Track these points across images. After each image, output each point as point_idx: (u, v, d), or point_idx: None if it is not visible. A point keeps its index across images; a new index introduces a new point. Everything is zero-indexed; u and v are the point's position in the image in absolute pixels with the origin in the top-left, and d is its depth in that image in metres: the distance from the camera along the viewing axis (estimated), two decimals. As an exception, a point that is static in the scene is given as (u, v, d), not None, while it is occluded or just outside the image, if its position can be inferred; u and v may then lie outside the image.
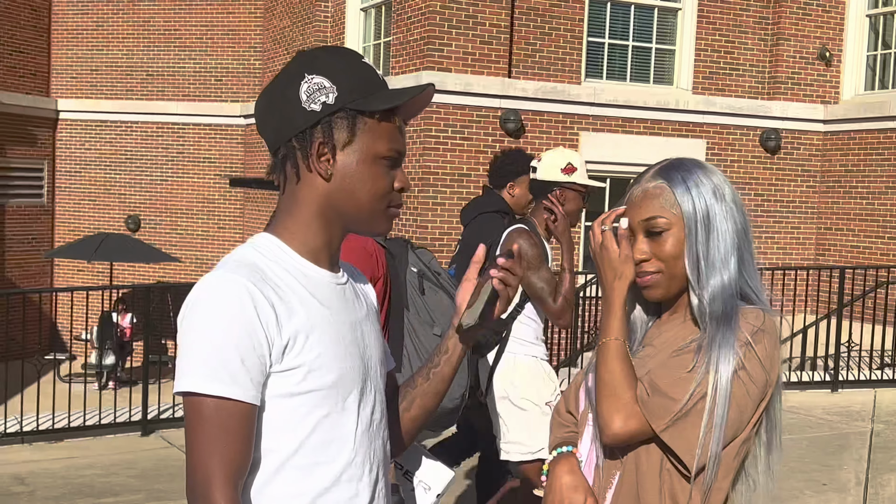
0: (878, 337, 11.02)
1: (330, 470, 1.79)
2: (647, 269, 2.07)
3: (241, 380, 1.68)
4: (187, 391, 1.69)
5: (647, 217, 2.06)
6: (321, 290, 1.82)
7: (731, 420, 1.96)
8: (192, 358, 1.69)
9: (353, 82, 1.79)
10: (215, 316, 1.69)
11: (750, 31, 14.42)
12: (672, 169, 2.09)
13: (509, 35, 12.89)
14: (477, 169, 12.73)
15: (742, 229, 2.06)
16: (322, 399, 1.76)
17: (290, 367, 1.73)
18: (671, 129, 13.85)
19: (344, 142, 1.78)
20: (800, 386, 10.23)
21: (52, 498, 6.49)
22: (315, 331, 1.76)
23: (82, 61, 19.25)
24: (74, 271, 19.11)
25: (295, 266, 1.81)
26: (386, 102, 1.79)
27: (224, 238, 18.72)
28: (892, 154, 13.54)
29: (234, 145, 18.68)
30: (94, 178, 19.20)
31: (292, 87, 1.79)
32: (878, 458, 7.50)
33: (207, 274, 1.76)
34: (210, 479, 1.67)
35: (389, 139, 1.81)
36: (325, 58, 1.81)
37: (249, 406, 1.69)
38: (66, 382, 13.18)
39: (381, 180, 1.81)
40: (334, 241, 1.86)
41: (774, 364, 2.02)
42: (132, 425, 8.51)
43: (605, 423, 2.02)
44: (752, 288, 2.06)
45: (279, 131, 1.81)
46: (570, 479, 2.11)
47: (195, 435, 1.69)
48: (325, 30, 15.86)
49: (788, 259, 14.44)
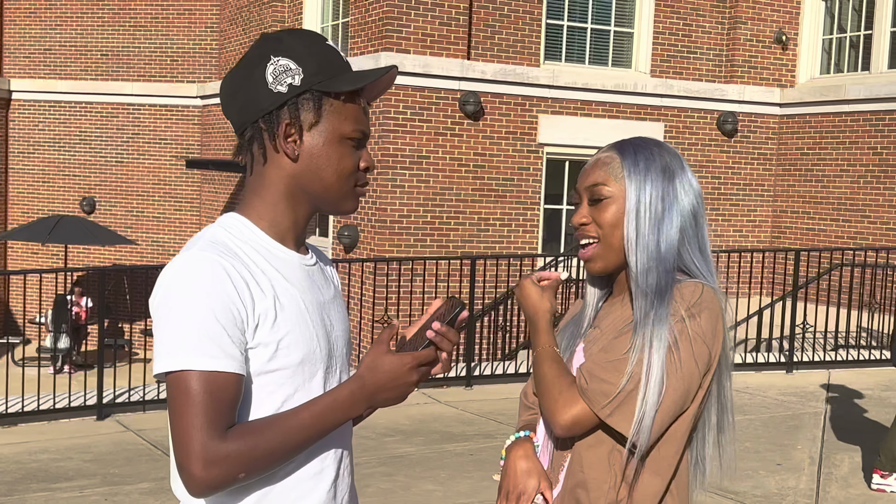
0: (832, 318, 11.16)
1: None
2: (587, 233, 2.09)
3: (232, 353, 1.70)
4: (175, 370, 1.69)
5: (592, 184, 2.09)
6: (289, 270, 1.85)
7: (673, 395, 1.95)
8: (175, 336, 1.69)
9: (319, 64, 1.82)
10: (194, 293, 1.70)
11: (707, 14, 14.50)
12: (628, 143, 2.12)
13: (468, 17, 12.86)
14: (436, 151, 12.71)
15: (690, 210, 2.06)
16: (288, 378, 1.79)
17: (258, 345, 1.76)
18: (629, 112, 13.90)
19: (310, 123, 1.82)
20: (755, 367, 10.34)
21: (6, 483, 6.41)
22: (284, 310, 1.79)
23: (35, 40, 18.95)
24: (28, 254, 18.86)
25: (263, 246, 1.84)
26: (351, 84, 1.82)
27: (181, 220, 18.56)
28: (846, 137, 13.69)
29: (191, 126, 18.50)
30: (48, 159, 18.94)
31: (258, 69, 1.82)
32: (831, 438, 7.60)
33: (178, 255, 1.77)
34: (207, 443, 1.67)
35: (355, 120, 1.85)
36: (291, 40, 1.84)
37: (240, 376, 1.72)
38: (20, 366, 13.02)
39: (347, 160, 1.85)
40: (300, 222, 1.90)
41: (717, 337, 2.01)
42: (87, 409, 8.43)
43: (550, 418, 2.04)
44: (697, 267, 2.06)
45: (245, 112, 1.84)
46: (525, 464, 2.13)
47: (186, 409, 1.67)
48: (283, 10, 15.72)
49: (744, 241, 14.58)
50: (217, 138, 17.71)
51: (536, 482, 2.10)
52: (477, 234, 13.02)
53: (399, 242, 12.50)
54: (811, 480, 6.50)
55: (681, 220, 2.05)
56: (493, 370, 9.95)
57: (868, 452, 7.05)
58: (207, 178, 18.07)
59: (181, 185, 18.58)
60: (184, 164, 17.99)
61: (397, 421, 7.98)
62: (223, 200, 17.33)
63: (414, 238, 12.61)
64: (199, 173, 18.27)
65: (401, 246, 12.50)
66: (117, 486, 6.38)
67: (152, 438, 7.58)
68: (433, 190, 12.70)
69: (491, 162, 13.07)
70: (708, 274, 2.07)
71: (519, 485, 2.10)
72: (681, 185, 2.07)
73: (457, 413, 8.48)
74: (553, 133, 13.43)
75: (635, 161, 2.07)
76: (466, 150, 12.92)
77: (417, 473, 6.57)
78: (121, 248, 18.25)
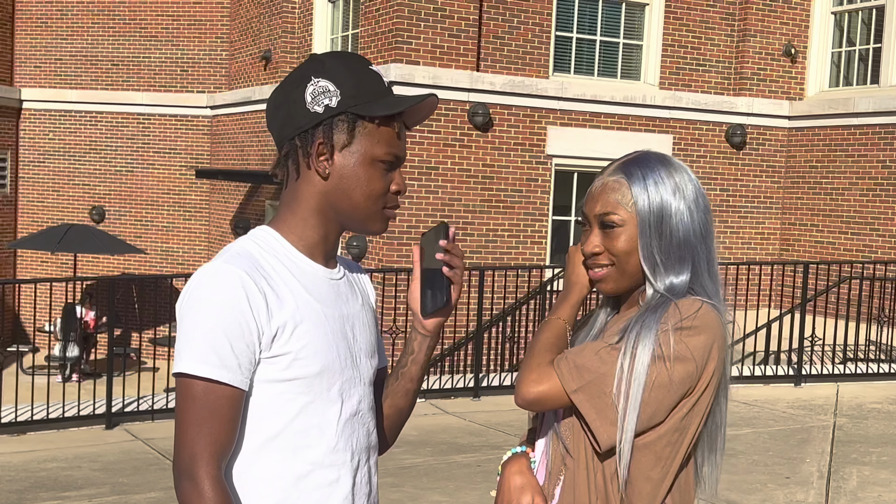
0: (840, 331, 11.13)
1: (311, 454, 1.88)
2: (600, 262, 2.09)
3: (230, 364, 1.78)
4: (181, 372, 1.79)
5: (602, 212, 2.07)
6: (314, 284, 1.92)
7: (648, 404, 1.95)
8: (186, 342, 1.80)
9: (357, 87, 1.88)
10: (208, 303, 1.79)
11: (716, 27, 14.51)
12: (634, 164, 2.09)
13: (478, 28, 12.89)
14: (445, 162, 12.73)
15: (700, 231, 2.06)
16: (306, 387, 1.86)
17: (276, 355, 1.83)
18: (638, 124, 13.91)
19: (342, 143, 1.88)
20: (764, 380, 10.32)
21: (15, 491, 6.42)
22: (304, 322, 1.85)
23: (46, 50, 19.04)
24: (38, 263, 18.91)
25: (290, 259, 1.91)
26: (386, 109, 1.88)
27: (190, 230, 18.60)
28: (855, 150, 13.68)
29: (201, 136, 18.55)
30: (58, 168, 19.00)
31: (299, 89, 1.89)
32: (840, 451, 7.58)
33: (207, 263, 1.86)
34: (196, 457, 1.77)
35: (388, 143, 1.90)
36: (333, 62, 1.91)
37: (237, 390, 1.80)
38: (30, 375, 13.04)
39: (377, 182, 1.91)
40: (330, 237, 1.96)
41: (711, 356, 1.98)
42: (96, 418, 8.45)
43: (518, 385, 2.05)
44: (703, 287, 2.05)
45: (283, 129, 1.91)
46: (520, 480, 2.13)
47: (185, 415, 1.79)
48: (293, 21, 15.78)
49: (753, 254, 14.56)
50: (226, 148, 17.75)
51: (530, 498, 2.09)
52: (485, 245, 13.02)
53: (407, 253, 12.52)
54: (820, 494, 6.48)
55: (694, 241, 2.05)
56: (501, 381, 9.94)
57: (877, 466, 7.03)
58: (216, 188, 18.11)
59: (190, 194, 18.62)
60: (193, 174, 18.03)
61: (405, 432, 7.97)
62: (232, 210, 17.36)
63: (422, 249, 12.60)
64: (209, 183, 18.31)
65: (409, 257, 12.51)
66: (126, 495, 6.39)
67: (161, 447, 7.59)
68: (442, 201, 12.72)
69: (499, 173, 13.09)
70: (714, 294, 2.06)
71: (513, 500, 2.10)
72: (693, 205, 2.06)
73: (464, 424, 8.48)
74: (562, 145, 13.44)
75: (644, 187, 2.04)
76: (475, 162, 12.93)
77: (425, 484, 6.57)
78: (130, 258, 18.29)
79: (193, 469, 1.76)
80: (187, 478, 1.76)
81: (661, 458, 2.01)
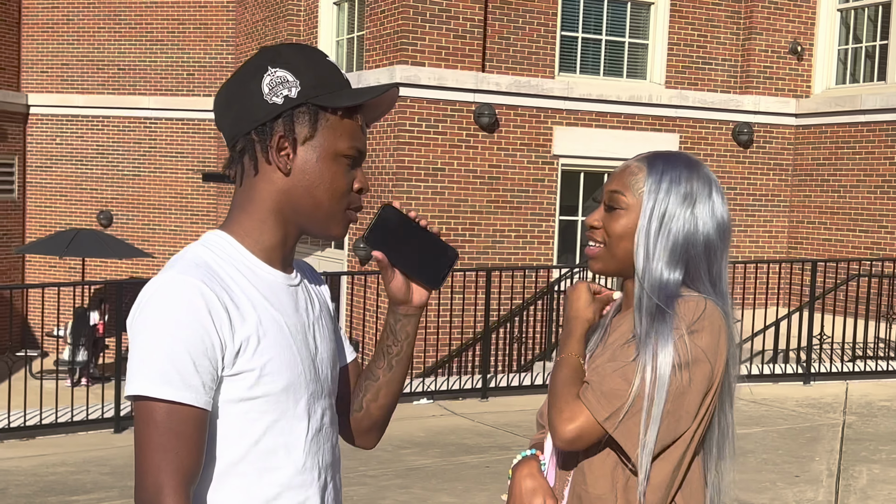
0: (849, 329, 11.10)
1: (279, 476, 1.77)
2: (594, 237, 2.11)
3: (194, 384, 1.65)
4: (137, 395, 1.65)
5: (613, 189, 2.08)
6: (273, 292, 1.79)
7: (673, 413, 1.95)
8: (142, 361, 1.65)
9: (317, 78, 1.78)
10: (166, 318, 1.65)
11: (722, 25, 14.49)
12: (660, 158, 2.08)
13: (483, 29, 12.88)
14: (451, 163, 12.73)
15: (703, 242, 2.03)
16: (272, 405, 1.74)
17: (240, 371, 1.70)
18: (644, 124, 13.89)
19: (305, 136, 1.76)
20: (772, 378, 10.29)
21: (24, 496, 6.43)
22: (267, 335, 1.73)
23: (53, 55, 19.09)
24: (46, 267, 18.96)
25: (247, 266, 1.78)
26: (349, 100, 1.78)
27: (197, 233, 18.61)
28: (862, 148, 13.64)
29: (207, 140, 18.58)
30: (66, 173, 19.05)
31: (255, 80, 1.77)
32: (849, 449, 7.56)
33: (158, 274, 1.72)
34: (161, 487, 1.62)
35: (351, 137, 1.80)
36: (289, 53, 1.79)
37: (201, 411, 1.66)
38: (38, 379, 13.06)
39: (340, 179, 1.79)
40: (289, 241, 1.83)
41: (719, 353, 1.98)
42: (105, 422, 8.46)
43: (553, 428, 2.01)
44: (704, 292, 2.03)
45: (238, 124, 1.78)
46: (530, 483, 2.12)
47: (145, 440, 1.64)
48: (298, 24, 15.79)
49: (761, 252, 14.53)
50: (233, 151, 17.76)
51: (542, 501, 2.09)
52: (492, 245, 13.02)
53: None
54: (829, 493, 6.46)
55: (692, 250, 2.03)
56: (509, 382, 9.94)
57: (886, 464, 7.01)
58: (224, 191, 18.13)
59: (197, 198, 18.65)
60: (200, 177, 18.06)
61: (413, 433, 7.98)
62: (239, 213, 17.37)
63: (429, 250, 12.60)
64: (216, 187, 18.34)
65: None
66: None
67: (169, 451, 7.59)
68: (448, 202, 12.72)
69: (506, 174, 13.08)
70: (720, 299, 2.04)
71: (524, 503, 2.10)
72: (701, 214, 2.04)
73: (472, 425, 8.47)
74: (568, 144, 13.43)
75: (659, 179, 2.04)
76: (481, 162, 12.93)
77: (433, 486, 6.57)
78: (137, 262, 18.33)
79: (160, 499, 1.61)
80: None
81: (679, 461, 2.02)
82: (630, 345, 2.01)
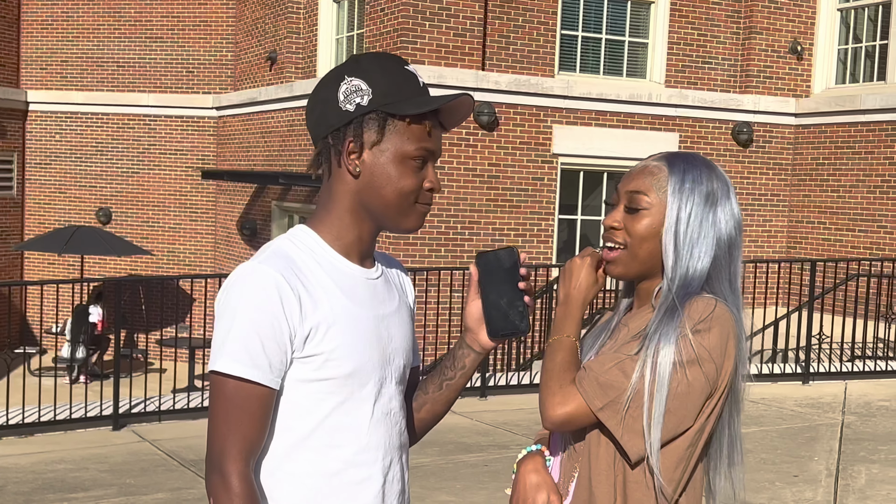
0: (848, 329, 11.11)
1: (343, 453, 1.92)
2: (614, 238, 2.07)
3: (261, 363, 1.82)
4: (214, 371, 1.84)
5: (634, 190, 2.06)
6: (349, 284, 1.95)
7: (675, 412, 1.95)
8: (221, 341, 1.84)
9: (389, 86, 1.91)
10: (242, 303, 1.83)
11: (722, 24, 14.48)
12: (679, 157, 2.09)
13: (483, 28, 12.88)
14: (451, 162, 12.72)
15: (727, 240, 2.05)
16: (338, 387, 1.90)
17: (309, 355, 1.87)
18: (644, 123, 13.89)
19: (372, 141, 1.91)
20: (771, 378, 10.30)
21: (22, 493, 6.43)
22: (337, 323, 1.89)
23: (52, 52, 19.06)
24: (45, 264, 18.94)
25: (327, 259, 1.94)
26: (416, 108, 1.90)
27: (196, 231, 18.61)
28: (862, 147, 13.64)
29: (207, 137, 18.56)
30: (65, 170, 19.03)
31: (332, 89, 1.93)
32: (848, 449, 7.56)
33: (245, 262, 1.89)
34: (225, 453, 1.81)
35: (418, 140, 1.92)
36: (368, 62, 1.94)
37: (267, 389, 1.84)
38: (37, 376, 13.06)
39: (408, 179, 1.93)
40: (365, 237, 1.98)
41: (728, 354, 1.99)
42: (103, 419, 8.46)
43: (543, 408, 2.03)
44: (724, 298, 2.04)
45: (317, 128, 1.95)
46: (535, 478, 2.12)
47: (216, 411, 1.84)
48: (298, 21, 15.78)
49: (760, 252, 14.53)
50: (232, 149, 17.77)
51: (546, 496, 2.09)
52: (491, 244, 13.01)
53: (414, 253, 12.51)
54: (828, 493, 6.46)
55: (716, 249, 2.04)
56: (508, 380, 9.93)
57: (885, 464, 7.01)
58: (223, 188, 18.12)
59: (197, 195, 18.63)
60: (199, 175, 18.04)
61: (412, 432, 7.96)
62: (238, 211, 17.37)
63: (428, 248, 12.61)
64: (215, 184, 18.32)
65: (415, 256, 12.50)
66: (133, 496, 6.39)
67: (168, 449, 7.60)
68: (447, 200, 12.71)
69: (505, 172, 13.08)
70: (732, 303, 2.04)
71: (528, 498, 2.10)
72: (722, 213, 2.05)
73: (471, 424, 8.47)
74: (567, 143, 13.42)
75: (682, 179, 2.04)
76: (481, 161, 12.92)
77: (432, 484, 6.57)
78: (136, 259, 18.31)
79: (222, 464, 1.81)
80: (216, 472, 1.81)
81: (682, 458, 2.02)
82: (635, 340, 2.01)
